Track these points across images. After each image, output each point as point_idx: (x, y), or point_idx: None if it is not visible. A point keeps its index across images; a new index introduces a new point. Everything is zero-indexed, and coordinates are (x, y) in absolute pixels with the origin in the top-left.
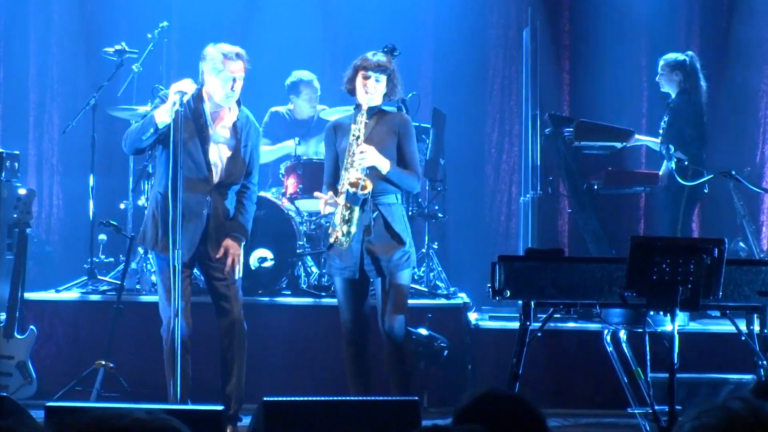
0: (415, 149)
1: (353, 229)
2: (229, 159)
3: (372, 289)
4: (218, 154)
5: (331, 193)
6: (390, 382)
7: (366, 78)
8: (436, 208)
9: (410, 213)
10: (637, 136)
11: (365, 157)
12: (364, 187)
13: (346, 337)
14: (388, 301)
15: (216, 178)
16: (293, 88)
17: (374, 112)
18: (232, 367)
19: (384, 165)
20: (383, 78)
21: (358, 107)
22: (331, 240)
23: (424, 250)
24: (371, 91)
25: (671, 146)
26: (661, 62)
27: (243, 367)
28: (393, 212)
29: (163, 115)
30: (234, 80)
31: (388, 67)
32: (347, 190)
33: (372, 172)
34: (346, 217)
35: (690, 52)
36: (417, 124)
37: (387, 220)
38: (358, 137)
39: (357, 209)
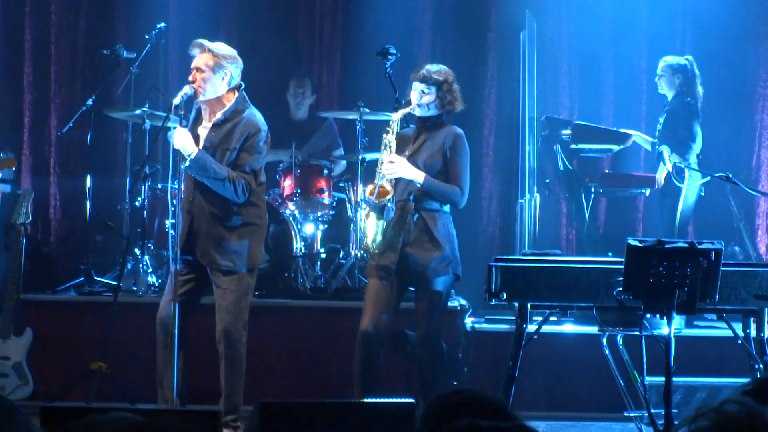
0: (462, 164)
1: (379, 237)
2: None
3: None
4: None
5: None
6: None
7: (413, 89)
8: None
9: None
10: (630, 131)
11: (394, 170)
12: (381, 194)
13: (359, 340)
14: (421, 308)
15: None
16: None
17: (428, 125)
18: (222, 377)
19: (417, 176)
20: (430, 89)
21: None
22: (363, 248)
23: None
24: (415, 101)
25: (668, 149)
26: (662, 64)
27: (235, 377)
28: (435, 218)
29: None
30: (192, 71)
31: (431, 77)
32: (367, 198)
33: (412, 181)
34: (369, 226)
35: (690, 57)
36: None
37: (428, 226)
38: (388, 146)
39: (375, 216)
